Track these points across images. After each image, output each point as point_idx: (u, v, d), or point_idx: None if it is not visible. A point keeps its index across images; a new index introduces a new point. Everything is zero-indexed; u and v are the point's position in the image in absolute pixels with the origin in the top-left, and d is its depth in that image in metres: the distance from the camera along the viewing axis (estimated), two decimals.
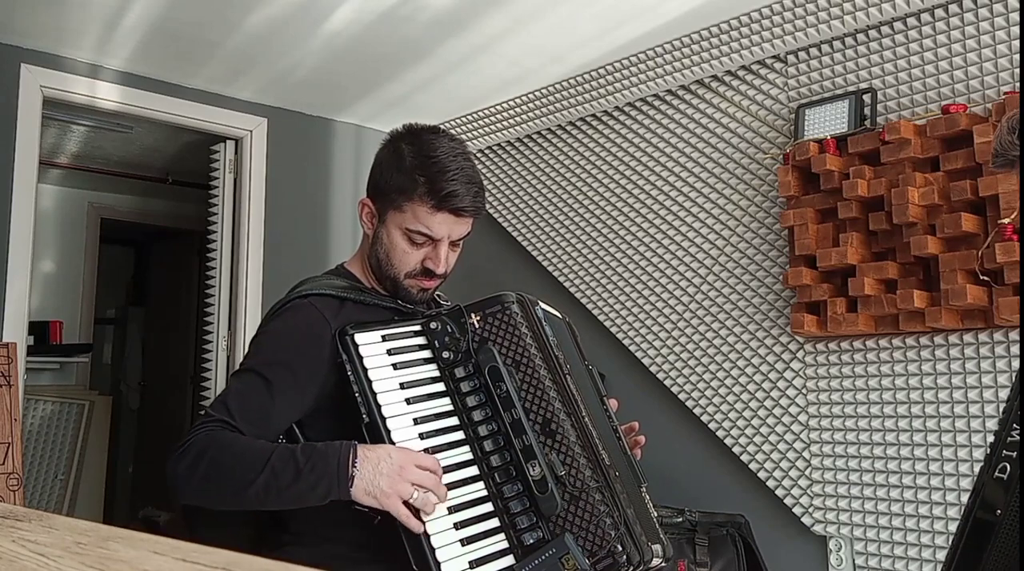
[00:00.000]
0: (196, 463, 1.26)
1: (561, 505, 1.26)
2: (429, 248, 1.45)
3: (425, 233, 1.42)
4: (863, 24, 2.48)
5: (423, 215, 1.41)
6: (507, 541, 1.27)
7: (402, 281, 1.47)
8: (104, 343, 6.05)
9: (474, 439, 1.33)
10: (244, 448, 1.26)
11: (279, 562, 0.54)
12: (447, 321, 1.38)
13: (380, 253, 1.47)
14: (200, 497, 1.29)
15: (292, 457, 1.24)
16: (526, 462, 1.28)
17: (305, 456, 1.24)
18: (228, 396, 1.34)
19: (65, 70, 3.11)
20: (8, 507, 0.82)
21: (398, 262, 1.46)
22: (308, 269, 1.66)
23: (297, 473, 1.23)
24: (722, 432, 2.80)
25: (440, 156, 1.42)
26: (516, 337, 1.36)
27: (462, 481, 1.31)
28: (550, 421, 1.31)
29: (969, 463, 2.23)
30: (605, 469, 1.32)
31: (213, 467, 1.25)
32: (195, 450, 1.26)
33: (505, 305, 1.38)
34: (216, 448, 1.26)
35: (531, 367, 1.34)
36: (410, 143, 1.46)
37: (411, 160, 1.43)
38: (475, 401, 1.34)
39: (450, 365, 1.36)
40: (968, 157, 2.18)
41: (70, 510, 4.47)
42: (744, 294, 2.77)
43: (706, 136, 2.91)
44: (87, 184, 5.23)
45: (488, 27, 2.80)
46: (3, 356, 2.67)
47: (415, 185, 1.41)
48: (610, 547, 1.25)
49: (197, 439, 1.27)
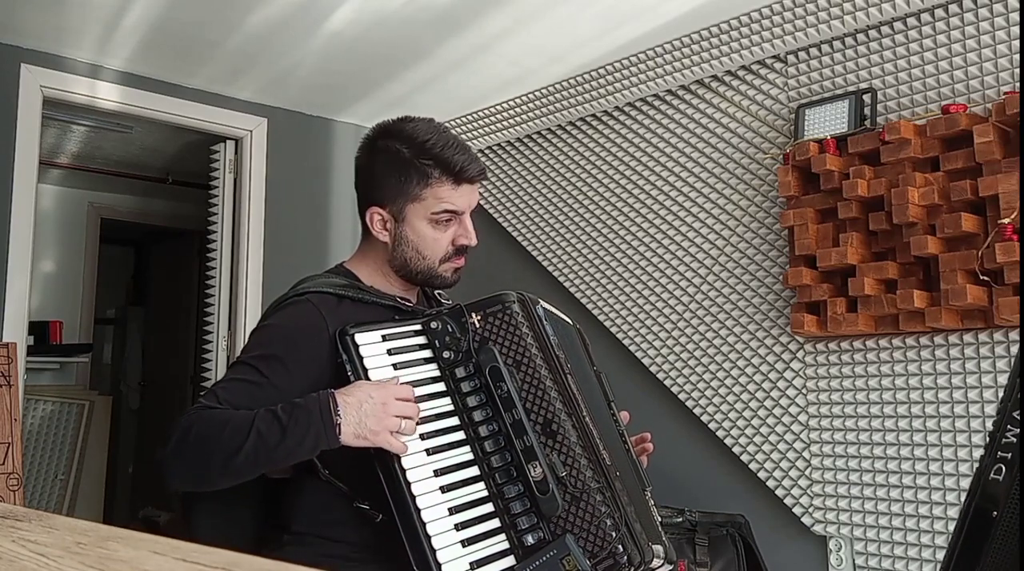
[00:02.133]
0: (182, 441, 1.26)
1: (562, 506, 1.26)
2: (455, 226, 1.47)
3: (451, 209, 1.45)
4: (863, 24, 2.48)
5: (446, 193, 1.44)
6: (508, 542, 1.28)
7: (437, 269, 1.49)
8: (104, 343, 6.05)
9: (475, 439, 1.33)
10: (227, 418, 1.27)
11: (279, 562, 0.54)
12: (448, 321, 1.38)
13: (407, 252, 1.47)
14: (190, 476, 1.28)
15: (275, 417, 1.25)
16: (527, 463, 1.28)
17: (287, 413, 1.25)
18: (219, 386, 1.34)
19: (65, 70, 3.11)
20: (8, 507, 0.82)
21: (430, 252, 1.47)
22: (308, 269, 1.66)
23: (283, 431, 1.23)
24: (722, 432, 2.80)
25: (432, 137, 1.44)
26: (517, 337, 1.36)
27: (463, 481, 1.30)
28: (551, 421, 1.31)
29: (969, 463, 2.23)
30: (606, 470, 1.32)
31: (198, 442, 1.25)
32: (180, 431, 1.27)
33: (506, 304, 1.38)
34: (199, 424, 1.26)
35: (532, 367, 1.34)
36: (395, 139, 1.47)
37: (409, 151, 1.44)
38: (476, 401, 1.34)
39: (451, 365, 1.36)
40: (968, 157, 2.18)
41: (70, 510, 4.47)
42: (744, 294, 2.77)
43: (706, 136, 2.91)
44: (87, 184, 5.23)
45: (488, 27, 2.80)
46: (3, 356, 2.67)
47: (426, 169, 1.43)
48: (611, 548, 1.25)
49: (180, 423, 1.28)
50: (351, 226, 3.81)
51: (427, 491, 1.27)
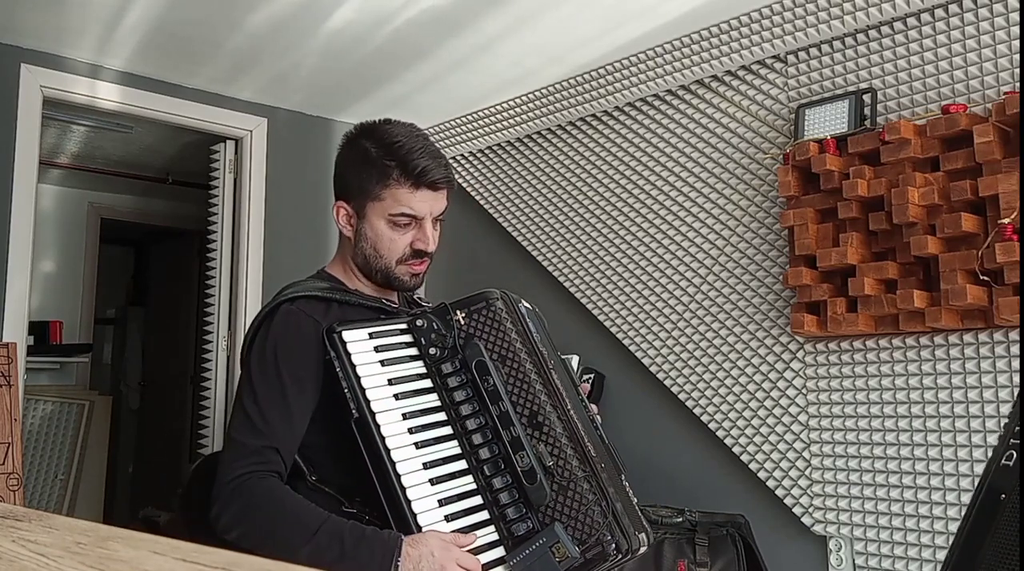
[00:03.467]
0: (244, 514, 1.27)
1: (550, 495, 1.28)
2: (414, 229, 1.48)
3: (409, 213, 1.46)
4: (863, 24, 2.48)
5: (403, 196, 1.45)
6: (497, 532, 1.30)
7: (394, 269, 1.50)
8: (104, 343, 6.05)
9: (462, 433, 1.35)
10: (295, 513, 1.27)
11: (279, 562, 0.54)
12: (433, 318, 1.40)
13: (367, 249, 1.49)
14: (242, 544, 1.30)
15: (339, 537, 1.25)
16: (514, 453, 1.30)
17: (353, 539, 1.25)
18: (251, 417, 1.35)
19: (65, 70, 3.11)
20: (8, 507, 0.82)
21: (387, 251, 1.48)
22: (308, 269, 1.66)
23: (341, 554, 1.24)
24: (722, 432, 2.80)
25: (402, 139, 1.46)
26: (501, 332, 1.38)
27: (452, 474, 1.33)
28: (537, 413, 1.33)
29: (969, 463, 2.23)
30: (591, 459, 1.34)
31: (263, 524, 1.27)
32: (244, 500, 1.28)
33: (490, 301, 1.41)
34: (267, 505, 1.27)
35: (517, 361, 1.36)
36: (368, 137, 1.50)
37: (376, 150, 1.47)
38: (463, 396, 1.36)
39: (437, 361, 1.38)
40: (968, 157, 2.18)
41: (70, 510, 4.47)
42: (744, 294, 2.77)
43: (706, 136, 2.91)
44: (87, 184, 5.24)
45: (488, 27, 2.80)
46: (3, 356, 2.67)
47: (388, 170, 1.45)
48: (599, 535, 1.26)
49: (247, 485, 1.28)
50: None
51: (416, 483, 1.29)
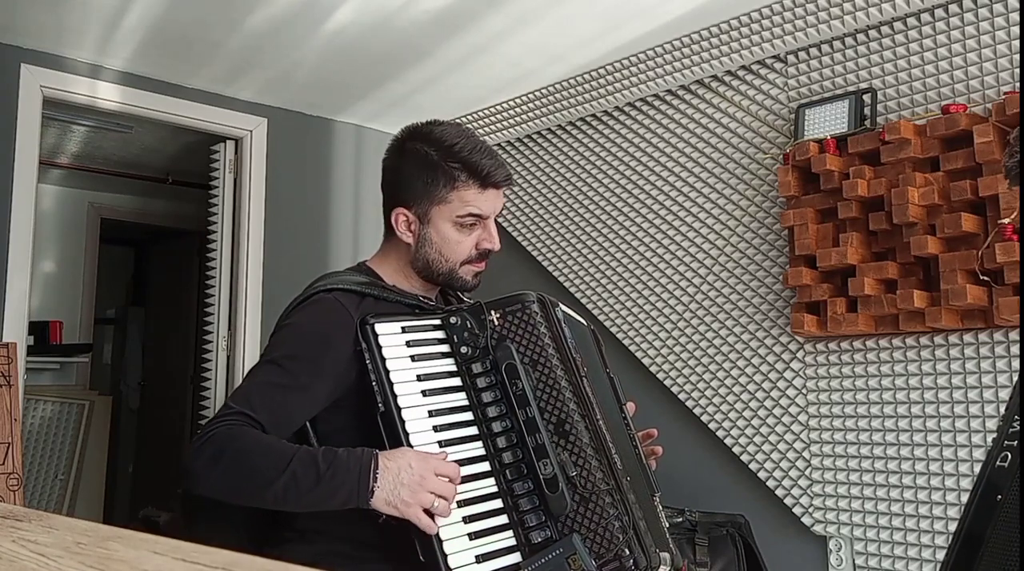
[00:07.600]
0: (217, 457, 1.25)
1: (570, 505, 1.27)
2: (479, 230, 1.49)
3: (476, 213, 1.46)
4: (863, 24, 2.48)
5: (472, 197, 1.45)
6: (515, 538, 1.28)
7: (458, 270, 1.50)
8: (104, 343, 6.05)
9: (487, 435, 1.33)
10: (266, 447, 1.26)
11: (279, 562, 0.54)
12: (467, 317, 1.39)
13: (430, 253, 1.49)
14: (217, 490, 1.28)
15: (313, 462, 1.24)
16: (538, 460, 1.29)
17: (326, 462, 1.24)
18: (250, 388, 1.34)
19: (65, 70, 3.11)
20: (8, 507, 0.82)
21: (452, 254, 1.48)
22: (308, 269, 1.66)
23: (317, 479, 1.22)
24: (722, 432, 2.80)
25: (460, 141, 1.46)
26: (535, 336, 1.37)
27: (473, 476, 1.31)
28: (564, 421, 1.32)
29: (969, 463, 2.23)
30: (617, 473, 1.33)
31: (234, 463, 1.25)
32: (216, 443, 1.26)
33: (525, 304, 1.39)
34: (238, 443, 1.25)
35: (548, 367, 1.35)
36: (422, 141, 1.48)
37: (436, 154, 1.45)
38: (490, 397, 1.35)
39: (468, 360, 1.37)
40: (968, 157, 2.18)
41: (70, 510, 4.47)
42: (744, 294, 2.77)
43: (706, 136, 2.91)
44: (87, 184, 5.23)
45: (488, 27, 2.80)
46: (3, 356, 2.67)
47: (454, 173, 1.44)
48: (617, 550, 1.25)
49: (218, 432, 1.26)
50: (351, 226, 3.82)
51: None
